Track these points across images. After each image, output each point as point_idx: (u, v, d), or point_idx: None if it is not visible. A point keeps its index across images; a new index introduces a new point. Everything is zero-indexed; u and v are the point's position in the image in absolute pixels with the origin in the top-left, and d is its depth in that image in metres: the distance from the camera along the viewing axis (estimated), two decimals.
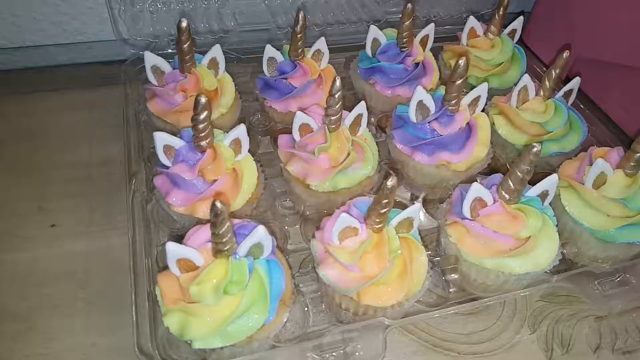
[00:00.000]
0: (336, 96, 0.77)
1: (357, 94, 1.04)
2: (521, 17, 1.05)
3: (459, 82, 0.81)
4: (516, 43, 1.07)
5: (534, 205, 0.73)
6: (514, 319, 0.80)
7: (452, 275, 0.77)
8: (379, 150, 0.87)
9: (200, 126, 0.73)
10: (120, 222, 0.83)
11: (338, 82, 0.76)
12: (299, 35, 0.90)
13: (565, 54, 0.87)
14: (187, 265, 0.64)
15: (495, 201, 0.73)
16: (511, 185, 0.70)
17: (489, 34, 1.03)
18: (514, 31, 1.06)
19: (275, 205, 0.83)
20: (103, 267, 0.80)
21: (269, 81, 0.94)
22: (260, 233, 0.65)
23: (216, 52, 0.91)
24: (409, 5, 0.92)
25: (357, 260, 0.67)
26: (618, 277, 0.76)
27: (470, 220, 0.73)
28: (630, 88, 1.09)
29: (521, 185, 0.70)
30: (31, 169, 0.92)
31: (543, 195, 0.75)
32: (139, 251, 0.72)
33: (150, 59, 0.87)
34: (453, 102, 0.83)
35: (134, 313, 0.65)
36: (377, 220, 0.68)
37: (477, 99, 0.86)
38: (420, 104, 0.84)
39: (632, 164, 0.76)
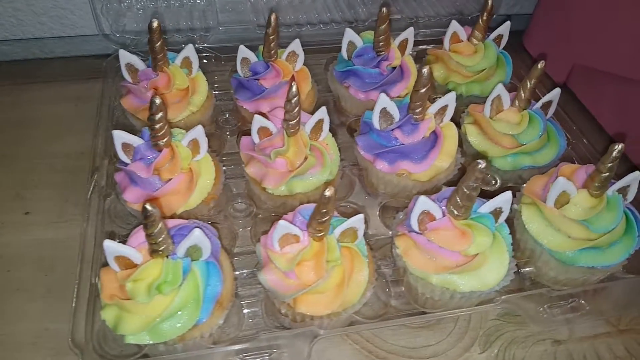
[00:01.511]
0: (292, 101, 0.77)
1: (334, 96, 1.03)
2: (508, 23, 1.01)
3: (422, 90, 0.79)
4: (503, 49, 1.04)
5: (484, 222, 0.71)
6: (466, 336, 0.79)
7: (401, 287, 0.76)
8: (341, 156, 0.87)
9: (157, 126, 0.75)
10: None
11: (294, 88, 0.76)
12: (271, 37, 0.91)
13: (540, 64, 0.83)
14: (126, 263, 0.66)
15: (444, 215, 0.72)
16: (458, 201, 0.69)
17: (472, 39, 1.00)
18: (500, 37, 1.03)
19: (227, 207, 0.84)
20: (68, 256, 0.83)
21: (242, 81, 0.95)
22: (196, 235, 0.66)
23: (189, 51, 0.92)
24: (384, 9, 0.90)
25: (293, 267, 0.68)
26: (571, 302, 0.74)
27: (417, 233, 0.72)
28: (625, 99, 1.05)
29: (468, 201, 0.69)
30: (14, 157, 0.96)
31: (496, 213, 0.73)
32: (88, 244, 0.74)
33: (125, 56, 0.89)
34: (417, 110, 0.82)
35: (73, 304, 0.68)
36: (318, 228, 0.68)
37: (444, 108, 0.85)
38: (384, 111, 0.83)
39: (596, 184, 0.73)
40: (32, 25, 1.15)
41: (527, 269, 0.80)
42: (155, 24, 0.85)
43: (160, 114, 0.74)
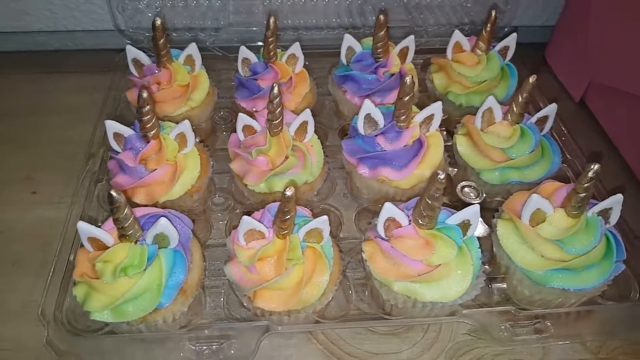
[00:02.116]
0: (274, 102, 0.79)
1: (333, 100, 1.05)
2: (514, 34, 0.99)
3: (405, 98, 0.80)
4: (517, 60, 1.02)
5: (449, 233, 0.70)
6: (432, 347, 0.78)
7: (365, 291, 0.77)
8: (331, 158, 0.88)
9: (144, 118, 0.79)
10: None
11: (276, 90, 0.78)
12: (270, 39, 0.93)
13: (532, 78, 0.82)
14: (99, 244, 0.70)
15: (410, 223, 0.72)
16: (421, 210, 0.69)
17: (476, 49, 0.99)
18: (506, 48, 1.01)
19: (207, 201, 0.87)
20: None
21: (242, 80, 0.98)
22: (161, 224, 0.69)
23: (192, 49, 0.96)
24: (381, 16, 0.91)
25: (254, 262, 0.70)
26: (535, 323, 0.71)
27: (383, 239, 0.73)
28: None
29: (431, 211, 0.68)
30: (30, 141, 1.04)
31: (464, 225, 0.72)
32: (72, 224, 0.79)
33: (132, 51, 0.95)
34: (402, 118, 0.82)
35: (48, 278, 0.73)
36: (281, 227, 0.70)
37: (430, 117, 0.84)
38: (368, 117, 0.84)
39: (573, 204, 0.71)
40: (64, 18, 1.23)
41: (501, 285, 0.78)
42: (158, 22, 0.89)
43: (147, 107, 0.78)
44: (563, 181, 0.81)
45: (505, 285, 0.78)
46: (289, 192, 0.66)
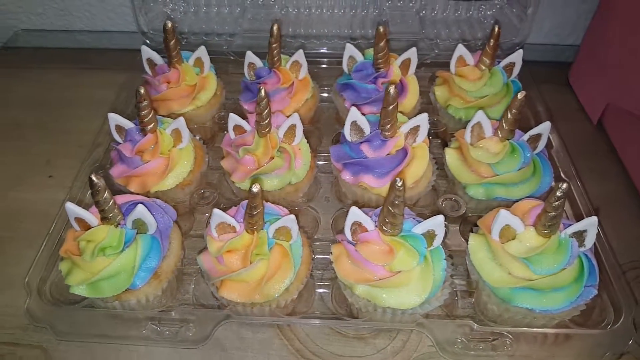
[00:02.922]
0: (261, 104, 0.82)
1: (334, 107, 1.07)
2: (520, 51, 0.98)
3: (389, 108, 0.81)
4: (517, 77, 1.00)
5: (412, 241, 0.71)
6: (397, 356, 0.78)
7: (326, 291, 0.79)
8: (318, 162, 0.90)
9: (142, 113, 0.85)
10: None
11: (262, 92, 0.82)
12: (273, 45, 0.97)
13: (520, 94, 0.81)
14: (85, 225, 0.76)
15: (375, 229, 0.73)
16: (384, 217, 0.70)
17: (480, 64, 0.98)
18: (512, 64, 0.99)
19: (194, 195, 0.91)
20: None
21: (248, 84, 1.02)
22: (138, 210, 0.74)
23: (201, 52, 1.02)
24: (381, 27, 0.92)
25: (222, 254, 0.73)
26: (493, 340, 0.70)
27: (349, 242, 0.74)
28: None
29: (392, 218, 0.69)
30: (56, 130, 1.13)
31: (430, 235, 0.72)
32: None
33: (146, 52, 1.01)
34: (387, 127, 0.83)
35: (39, 253, 0.79)
36: (249, 222, 0.73)
37: (416, 128, 0.85)
38: (355, 124, 0.86)
39: (545, 223, 0.69)
40: (101, 19, 1.33)
41: (469, 300, 0.77)
42: (169, 25, 0.96)
43: (144, 102, 0.84)
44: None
45: (473, 300, 0.77)
46: (255, 189, 0.69)
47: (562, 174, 0.92)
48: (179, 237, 0.82)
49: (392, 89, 0.79)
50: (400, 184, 0.65)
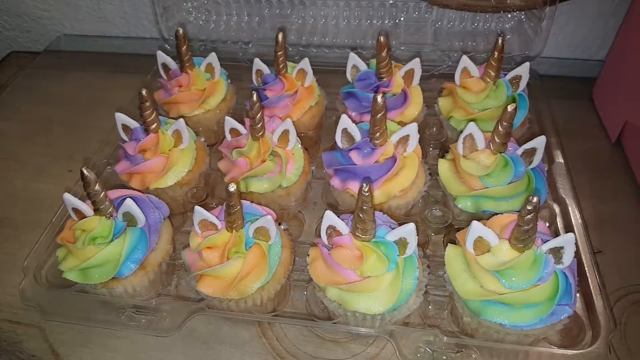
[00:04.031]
0: (254, 109, 0.85)
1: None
2: (527, 63, 0.95)
3: (378, 116, 0.82)
4: (524, 91, 0.98)
5: (382, 248, 0.71)
6: None
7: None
8: (313, 168, 0.92)
9: (144, 113, 0.90)
10: None
11: (254, 97, 0.85)
12: (279, 53, 1.00)
13: (510, 107, 0.79)
14: (82, 215, 0.81)
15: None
16: (355, 222, 0.71)
17: (485, 77, 0.97)
18: (518, 77, 0.97)
19: (187, 193, 0.95)
20: None
21: (254, 87, 1.06)
22: (127, 204, 0.78)
23: (212, 58, 1.07)
24: (382, 37, 0.93)
25: (201, 249, 0.76)
26: (458, 352, 0.69)
27: (323, 246, 0.75)
28: None
29: (362, 223, 0.70)
30: (82, 127, 1.21)
31: (402, 243, 0.72)
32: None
33: (161, 57, 1.07)
34: (377, 135, 0.84)
35: (40, 238, 0.86)
36: (228, 220, 0.76)
37: (406, 137, 0.85)
38: (345, 131, 0.87)
39: (518, 237, 0.68)
40: (135, 26, 1.42)
41: (444, 311, 0.76)
42: (180, 32, 1.01)
43: (147, 103, 0.89)
44: (542, 218, 0.78)
45: (446, 311, 0.76)
46: (231, 188, 0.72)
47: (559, 193, 0.89)
48: (169, 233, 0.86)
49: (379, 97, 0.80)
50: (366, 189, 0.66)
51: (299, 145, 0.92)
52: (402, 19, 1.20)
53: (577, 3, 1.16)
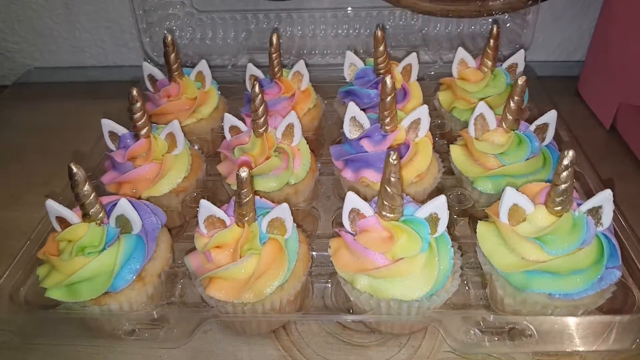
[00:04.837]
0: (256, 102, 0.81)
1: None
2: (522, 51, 0.96)
3: (387, 99, 0.78)
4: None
5: (413, 225, 0.65)
6: None
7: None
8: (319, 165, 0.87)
9: (135, 116, 0.83)
10: None
11: (257, 88, 0.80)
12: (273, 55, 0.97)
13: (520, 79, 0.77)
14: (67, 225, 0.71)
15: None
16: (382, 199, 0.65)
17: (482, 67, 0.96)
18: (514, 65, 0.97)
19: (185, 197, 0.88)
20: None
21: (249, 95, 1.01)
22: (121, 205, 0.70)
23: (202, 66, 1.02)
24: (378, 32, 0.92)
25: (209, 248, 0.68)
26: (509, 328, 0.63)
27: (346, 232, 0.69)
28: None
29: (390, 199, 0.64)
30: (57, 152, 1.13)
31: (433, 219, 0.67)
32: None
33: (148, 68, 1.03)
34: (387, 121, 0.80)
35: (17, 257, 0.76)
36: (239, 212, 0.69)
37: (417, 121, 0.82)
38: (354, 120, 0.83)
39: (555, 199, 0.64)
40: (113, 53, 1.37)
41: (484, 292, 0.71)
42: (169, 38, 0.97)
43: (137, 104, 0.82)
44: None
45: (487, 293, 0.70)
46: (243, 173, 0.66)
47: (575, 167, 0.86)
48: (168, 240, 0.77)
49: (388, 79, 0.77)
50: (394, 157, 0.61)
51: (304, 141, 0.87)
52: (388, 27, 1.20)
53: (553, 6, 1.20)
